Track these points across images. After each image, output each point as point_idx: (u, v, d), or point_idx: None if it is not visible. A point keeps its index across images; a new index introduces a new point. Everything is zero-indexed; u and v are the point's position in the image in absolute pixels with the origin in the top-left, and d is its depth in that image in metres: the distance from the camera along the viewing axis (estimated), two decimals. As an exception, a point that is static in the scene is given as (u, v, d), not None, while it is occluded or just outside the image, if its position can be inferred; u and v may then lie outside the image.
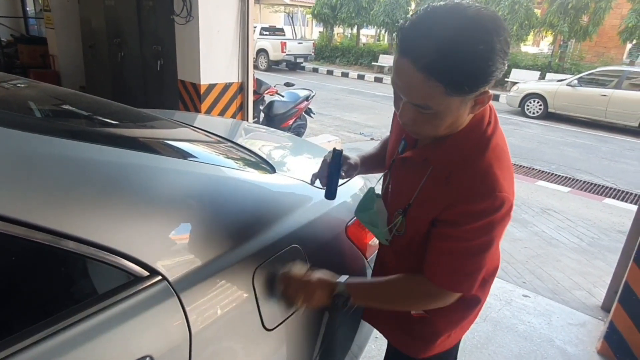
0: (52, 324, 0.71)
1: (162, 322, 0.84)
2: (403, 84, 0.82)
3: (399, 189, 1.06)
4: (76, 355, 0.71)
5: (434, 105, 0.81)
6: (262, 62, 17.16)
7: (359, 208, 1.17)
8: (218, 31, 4.12)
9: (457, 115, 0.85)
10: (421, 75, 0.76)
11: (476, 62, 0.75)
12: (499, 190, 0.86)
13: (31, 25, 9.30)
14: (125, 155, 1.00)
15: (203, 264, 0.93)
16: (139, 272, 0.84)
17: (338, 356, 1.40)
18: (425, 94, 0.79)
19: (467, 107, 0.84)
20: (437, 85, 0.77)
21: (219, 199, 1.08)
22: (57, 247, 0.74)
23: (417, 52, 0.76)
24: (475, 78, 0.77)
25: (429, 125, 0.86)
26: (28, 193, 0.75)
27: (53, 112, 1.32)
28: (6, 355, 0.65)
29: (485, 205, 0.86)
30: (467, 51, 0.74)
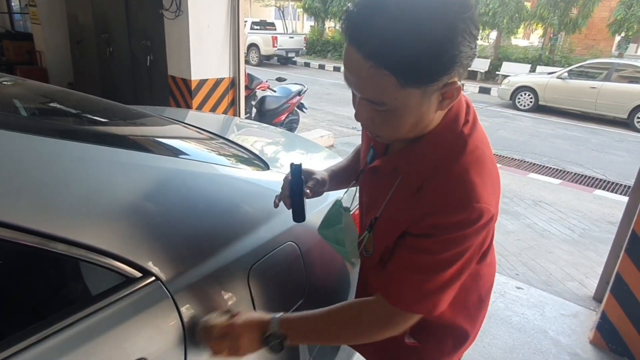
0: (44, 328, 0.69)
1: (156, 324, 0.82)
2: (352, 77, 0.71)
3: (369, 202, 0.94)
4: (70, 359, 0.70)
5: (388, 100, 0.69)
6: (253, 57, 17.05)
7: (323, 224, 1.03)
8: (208, 26, 4.08)
9: (420, 112, 0.72)
10: (368, 64, 0.65)
11: (431, 44, 0.63)
12: (475, 201, 0.74)
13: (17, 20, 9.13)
14: (115, 154, 0.98)
15: (197, 263, 0.92)
16: (132, 273, 0.82)
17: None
18: (376, 87, 0.68)
19: (432, 102, 0.72)
20: (387, 75, 0.65)
21: (212, 197, 1.07)
22: (46, 250, 0.72)
23: (362, 37, 0.65)
24: (433, 65, 0.65)
25: (388, 125, 0.75)
26: (14, 194, 0.73)
27: (39, 111, 1.29)
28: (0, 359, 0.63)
29: (460, 218, 0.74)
30: (419, 32, 0.63)
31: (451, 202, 0.76)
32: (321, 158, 1.74)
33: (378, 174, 0.90)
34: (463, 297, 0.88)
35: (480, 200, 0.75)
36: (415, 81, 0.67)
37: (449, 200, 0.76)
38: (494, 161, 0.83)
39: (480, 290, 0.99)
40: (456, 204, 0.75)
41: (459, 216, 0.75)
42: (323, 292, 1.25)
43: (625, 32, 13.96)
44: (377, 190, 0.91)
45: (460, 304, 0.90)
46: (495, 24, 14.81)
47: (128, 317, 0.78)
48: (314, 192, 1.04)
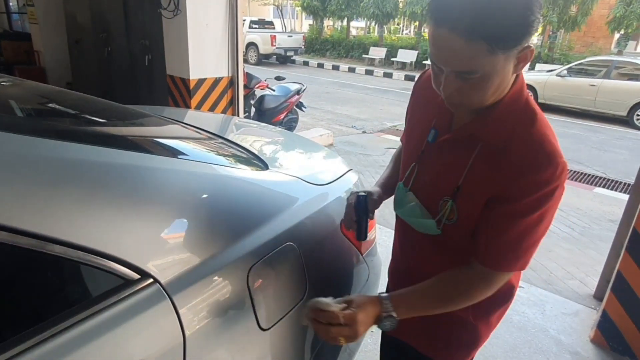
0: (41, 332, 0.68)
1: (155, 326, 0.81)
2: (445, 55, 0.79)
3: (436, 176, 0.98)
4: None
5: (479, 67, 0.77)
6: (252, 55, 17.03)
7: (397, 205, 1.09)
8: (207, 25, 4.06)
9: (503, 75, 0.80)
10: (462, 39, 0.74)
11: (515, 12, 0.72)
12: (559, 156, 0.83)
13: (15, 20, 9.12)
14: (113, 155, 0.97)
15: (195, 264, 0.91)
16: (130, 275, 0.81)
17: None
18: (469, 58, 0.76)
19: (511, 65, 0.80)
20: (481, 45, 0.73)
21: (210, 198, 1.06)
22: (43, 252, 0.71)
23: (453, 17, 0.74)
24: (518, 30, 0.74)
25: (477, 92, 0.82)
26: (11, 196, 0.72)
27: (37, 111, 1.28)
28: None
29: (549, 174, 0.82)
30: (504, 3, 0.72)
31: (539, 160, 0.83)
32: (319, 157, 1.72)
33: (447, 147, 0.95)
34: None
35: (561, 157, 0.83)
36: (504, 47, 0.75)
37: (536, 159, 0.83)
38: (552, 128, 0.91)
39: None
40: (544, 162, 0.82)
41: (548, 172, 0.82)
42: (324, 293, 1.23)
43: (625, 29, 13.96)
44: (449, 163, 0.95)
45: None
46: (494, 22, 14.77)
47: (126, 319, 0.77)
48: (374, 210, 1.16)
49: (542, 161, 0.82)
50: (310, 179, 1.35)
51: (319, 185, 1.35)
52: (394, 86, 12.94)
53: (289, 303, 1.10)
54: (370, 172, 5.19)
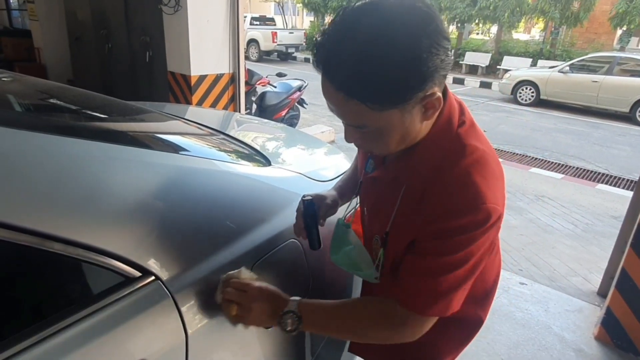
0: (42, 330, 0.67)
1: (156, 324, 0.80)
2: (331, 105, 0.73)
3: (373, 212, 0.94)
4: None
5: (369, 123, 0.71)
6: (253, 52, 16.98)
7: (333, 249, 1.02)
8: (208, 21, 4.04)
9: (404, 127, 0.73)
10: (340, 94, 0.67)
11: (397, 69, 0.64)
12: (482, 202, 0.72)
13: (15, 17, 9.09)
14: (114, 151, 0.96)
15: (198, 262, 0.90)
16: (131, 273, 0.80)
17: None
18: (354, 114, 0.70)
19: (415, 116, 0.72)
20: (360, 105, 0.67)
21: (213, 194, 1.05)
22: (43, 250, 0.70)
23: (330, 70, 0.68)
24: (402, 87, 0.66)
25: (377, 143, 0.76)
26: (9, 192, 0.71)
27: (37, 107, 1.27)
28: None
29: (467, 220, 0.73)
30: (383, 59, 0.63)
31: (456, 205, 0.74)
32: (321, 153, 1.71)
33: (379, 184, 0.90)
34: (471, 289, 0.87)
35: (486, 201, 0.73)
36: (387, 104, 0.68)
37: (453, 204, 0.74)
38: (497, 159, 0.81)
39: (487, 280, 1.00)
40: (461, 207, 0.74)
41: (466, 218, 0.73)
42: (327, 290, 1.23)
43: (627, 25, 13.89)
44: (380, 201, 0.89)
45: (469, 295, 0.87)
46: (496, 18, 14.73)
47: (128, 317, 0.76)
48: (327, 215, 1.08)
49: (461, 207, 0.74)
50: (313, 175, 1.33)
51: (322, 182, 1.34)
52: (396, 83, 12.91)
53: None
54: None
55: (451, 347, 1.05)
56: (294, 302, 0.87)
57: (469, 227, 0.74)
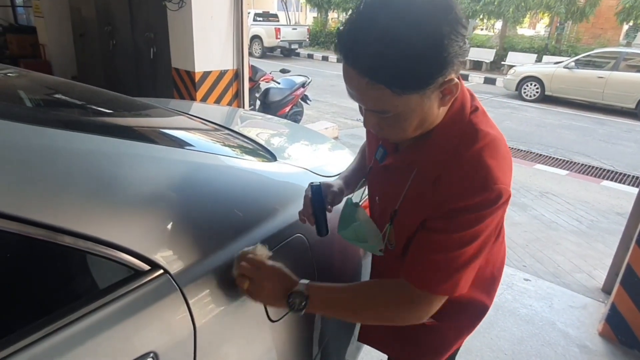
0: (52, 322, 0.68)
1: (165, 317, 0.81)
2: (353, 91, 0.75)
3: (383, 197, 0.97)
4: (78, 353, 0.69)
5: (389, 108, 0.73)
6: (256, 48, 16.96)
7: (341, 225, 1.05)
8: (212, 17, 4.04)
9: (423, 113, 0.76)
10: (364, 80, 0.70)
11: (419, 54, 0.67)
12: (493, 182, 0.76)
13: (20, 14, 9.11)
14: (122, 146, 0.96)
15: (205, 256, 0.91)
16: (140, 266, 0.81)
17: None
18: (375, 99, 0.73)
19: (433, 101, 0.75)
20: (383, 88, 0.70)
21: (219, 189, 1.05)
22: (53, 243, 0.71)
23: (354, 56, 0.70)
24: (423, 72, 0.69)
25: (395, 129, 0.79)
26: (20, 186, 0.72)
27: (45, 102, 1.28)
28: (6, 355, 0.62)
29: (479, 199, 0.77)
30: (406, 44, 0.66)
31: (469, 186, 0.78)
32: (326, 149, 1.71)
33: (391, 171, 0.92)
34: (477, 275, 0.89)
35: (497, 182, 0.77)
36: (410, 88, 0.70)
37: (467, 185, 0.78)
38: (506, 144, 0.85)
39: (493, 266, 1.04)
40: (474, 187, 0.77)
41: (478, 198, 0.77)
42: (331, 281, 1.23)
43: (634, 20, 13.77)
44: (391, 186, 0.92)
45: (475, 281, 0.89)
46: (500, 13, 14.63)
47: (136, 310, 0.77)
48: (334, 203, 1.10)
49: (474, 188, 0.77)
50: (319, 170, 1.34)
51: (327, 177, 1.34)
52: (399, 79, 12.86)
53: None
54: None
55: (457, 334, 1.08)
56: (303, 284, 0.90)
57: (479, 206, 0.77)
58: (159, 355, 0.78)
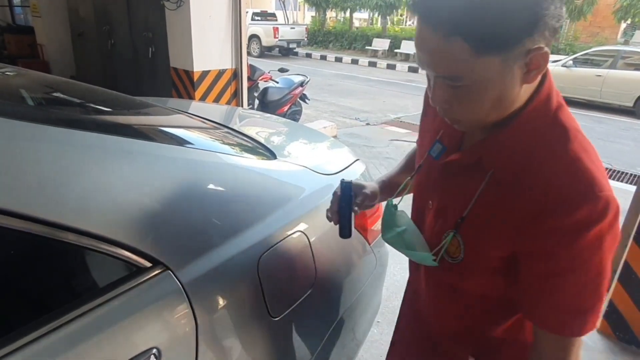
0: (54, 319, 0.69)
1: (167, 313, 0.82)
2: (424, 53, 0.65)
3: (440, 202, 0.83)
4: (81, 349, 0.69)
5: (465, 72, 0.62)
6: (254, 48, 16.96)
7: (385, 229, 0.94)
8: (210, 16, 4.04)
9: (503, 86, 0.64)
10: (440, 35, 0.60)
11: (510, 4, 0.58)
12: (598, 190, 0.63)
13: (17, 14, 9.10)
14: (122, 143, 0.97)
15: (207, 253, 0.91)
16: (142, 263, 0.81)
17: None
18: (449, 59, 0.62)
19: (515, 73, 0.63)
20: (460, 42, 0.59)
21: (220, 187, 1.06)
22: (56, 240, 0.72)
23: (430, 9, 0.61)
24: (510, 25, 0.58)
25: (469, 104, 0.67)
26: (23, 184, 0.73)
27: (45, 100, 1.28)
28: (10, 351, 0.63)
29: (586, 212, 0.63)
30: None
31: (571, 195, 0.64)
32: (326, 147, 1.72)
33: (453, 169, 0.79)
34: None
35: (603, 189, 0.64)
36: (492, 46, 0.60)
37: (567, 194, 0.64)
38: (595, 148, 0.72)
39: None
40: (578, 196, 0.64)
41: (584, 210, 0.63)
42: (333, 282, 1.24)
43: (632, 18, 13.82)
44: (454, 188, 0.80)
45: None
46: (498, 12, 14.67)
47: (139, 307, 0.78)
48: (363, 206, 1.02)
49: (576, 196, 0.64)
50: (318, 168, 1.35)
51: (327, 175, 1.35)
52: (398, 78, 12.87)
53: (298, 291, 1.10)
54: (374, 163, 5.17)
55: None
56: None
57: (589, 221, 0.64)
58: (162, 351, 0.79)
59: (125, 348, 0.74)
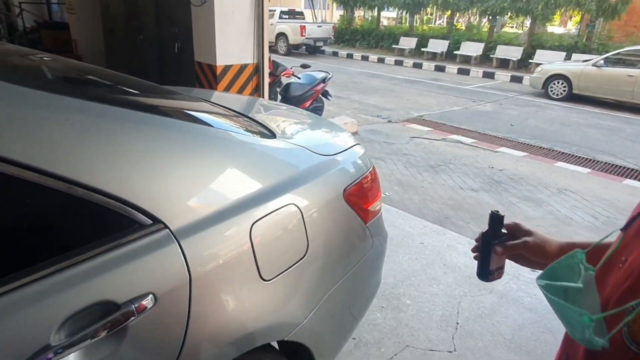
0: (68, 259, 0.80)
1: (163, 265, 0.92)
2: None
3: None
4: (86, 287, 0.81)
5: None
6: (281, 46, 17.14)
7: (547, 274, 0.72)
8: (233, 12, 4.17)
9: None
10: None
11: None
12: None
13: (54, 11, 9.53)
14: (137, 116, 1.08)
15: (203, 215, 1.01)
16: (143, 220, 0.92)
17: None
18: None
19: None
20: None
21: (219, 158, 1.16)
22: (69, 194, 0.83)
23: None
24: None
25: None
26: (43, 142, 0.84)
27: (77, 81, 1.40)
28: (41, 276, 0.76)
29: None
30: None
31: None
32: (328, 132, 1.75)
33: None
34: None
35: None
36: None
37: None
38: None
39: None
40: None
41: None
42: (325, 254, 1.32)
43: (669, 17, 13.26)
44: None
45: None
46: (529, 11, 14.35)
47: (138, 257, 0.88)
48: (509, 252, 0.85)
49: None
50: (315, 149, 1.43)
51: (324, 156, 1.43)
52: (423, 76, 12.79)
53: (290, 258, 1.19)
54: (392, 159, 5.21)
55: None
56: None
57: None
58: (158, 297, 0.89)
59: (126, 289, 0.85)
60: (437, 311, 2.38)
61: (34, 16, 8.65)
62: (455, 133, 6.62)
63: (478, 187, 4.48)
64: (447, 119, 7.57)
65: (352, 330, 1.64)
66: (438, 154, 5.54)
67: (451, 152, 5.68)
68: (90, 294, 0.81)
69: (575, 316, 0.60)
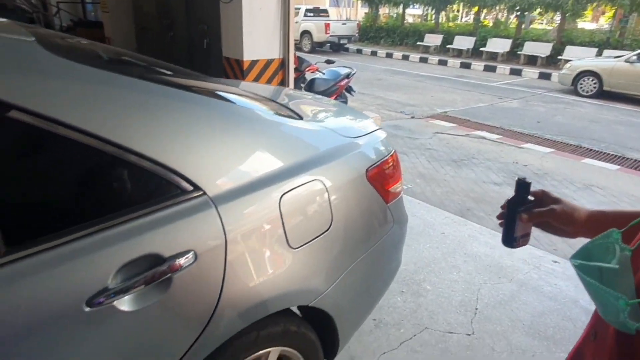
0: (118, 217, 0.92)
1: (202, 227, 1.03)
2: None
3: None
4: (137, 240, 0.92)
5: None
6: (305, 43, 17.27)
7: (581, 254, 0.69)
8: (260, 8, 4.29)
9: None
10: None
11: None
12: None
13: (89, 11, 9.91)
14: (183, 95, 1.21)
15: (238, 185, 1.12)
16: (185, 187, 1.03)
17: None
18: None
19: None
20: None
21: (253, 135, 1.26)
22: (123, 159, 0.94)
23: None
24: None
25: None
26: (104, 114, 0.96)
27: (129, 63, 1.52)
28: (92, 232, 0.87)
29: None
30: None
31: None
32: (352, 117, 1.84)
33: None
34: None
35: None
36: None
37: None
38: None
39: None
40: None
41: None
42: (347, 229, 1.41)
43: None
44: None
45: None
46: (558, 6, 14.05)
47: (181, 218, 0.99)
48: (535, 219, 0.84)
49: None
50: (341, 131, 1.52)
51: (348, 137, 1.51)
52: (448, 74, 12.70)
53: (315, 230, 1.28)
54: (415, 153, 5.25)
55: None
56: None
57: None
58: (198, 255, 1.00)
59: (170, 245, 0.96)
60: (456, 297, 2.44)
61: (70, 15, 9.01)
62: (479, 129, 6.59)
63: (501, 181, 4.48)
64: (471, 115, 7.54)
65: (372, 307, 1.72)
66: (461, 149, 5.55)
67: (475, 147, 5.67)
68: (141, 247, 0.92)
69: (611, 299, 0.59)
